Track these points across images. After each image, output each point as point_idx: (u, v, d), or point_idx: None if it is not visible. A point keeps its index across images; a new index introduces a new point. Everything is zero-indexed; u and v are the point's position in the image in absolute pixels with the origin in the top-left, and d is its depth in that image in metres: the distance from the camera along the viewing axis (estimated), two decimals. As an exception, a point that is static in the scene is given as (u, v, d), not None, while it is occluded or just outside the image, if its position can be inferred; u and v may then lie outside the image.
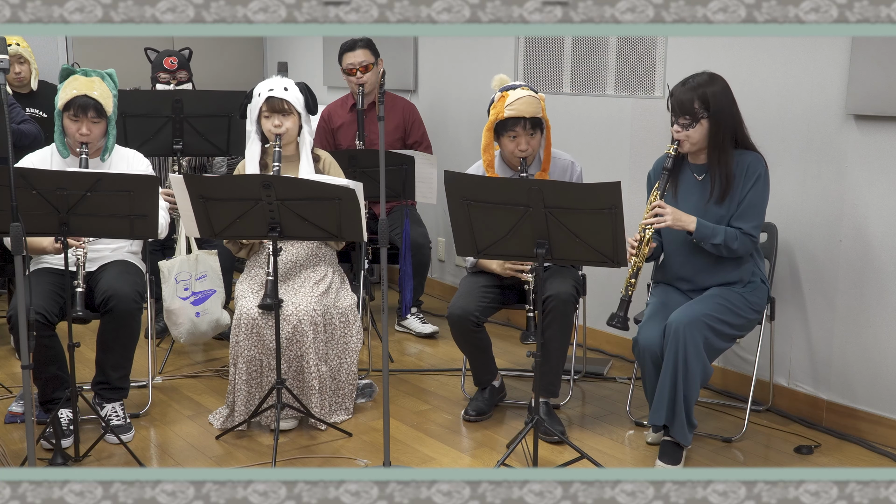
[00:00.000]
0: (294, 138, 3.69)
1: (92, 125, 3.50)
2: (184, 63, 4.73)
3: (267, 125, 3.64)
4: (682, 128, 3.26)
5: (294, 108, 3.64)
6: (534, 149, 3.61)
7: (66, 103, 3.49)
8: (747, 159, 3.31)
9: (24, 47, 4.86)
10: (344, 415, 3.74)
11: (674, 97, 3.28)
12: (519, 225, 2.98)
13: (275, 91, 3.61)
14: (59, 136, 3.56)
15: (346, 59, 4.84)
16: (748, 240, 3.29)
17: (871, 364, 3.56)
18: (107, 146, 3.60)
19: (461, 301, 3.64)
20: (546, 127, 3.63)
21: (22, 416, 3.70)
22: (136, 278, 3.60)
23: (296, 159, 3.71)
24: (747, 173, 3.29)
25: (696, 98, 3.23)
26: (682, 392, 3.18)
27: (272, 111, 3.62)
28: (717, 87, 3.25)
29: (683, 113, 3.25)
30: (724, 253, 3.28)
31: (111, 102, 3.55)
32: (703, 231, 3.25)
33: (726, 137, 3.28)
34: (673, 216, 3.24)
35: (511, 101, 3.53)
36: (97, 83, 3.53)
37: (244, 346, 3.57)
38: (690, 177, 3.40)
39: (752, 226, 3.29)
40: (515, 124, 3.55)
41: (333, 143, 5.01)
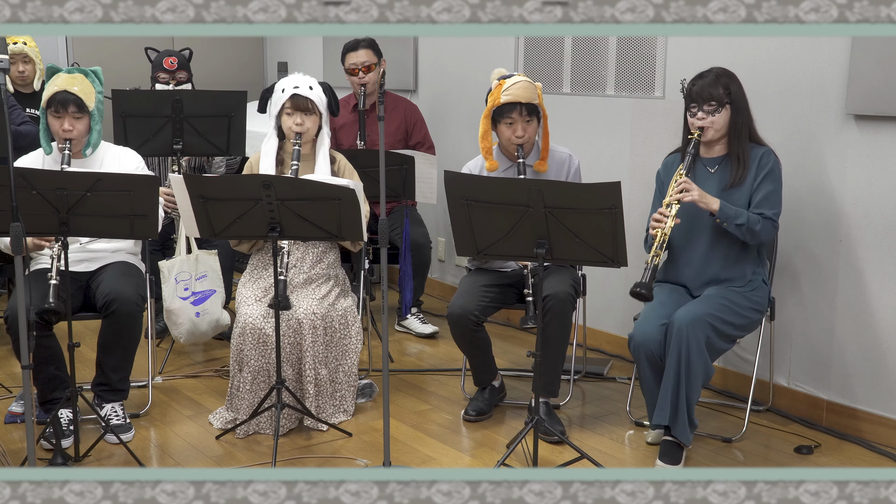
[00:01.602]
0: (312, 138, 3.69)
1: (74, 121, 3.51)
2: (184, 63, 4.73)
3: (288, 122, 3.62)
4: (707, 114, 3.32)
5: (317, 108, 3.65)
6: (530, 136, 3.62)
7: (48, 100, 3.50)
8: (759, 152, 3.39)
9: (31, 47, 4.87)
10: (343, 416, 3.73)
11: (695, 87, 3.34)
12: (519, 225, 2.98)
13: (300, 89, 3.60)
14: (45, 134, 3.57)
15: (349, 59, 4.84)
16: (770, 224, 3.33)
17: (871, 364, 3.56)
18: (90, 141, 3.60)
19: (461, 300, 3.64)
20: (543, 116, 3.64)
21: (22, 416, 3.70)
22: (137, 280, 3.60)
23: (311, 158, 3.70)
24: (759, 164, 3.36)
25: (720, 86, 3.31)
26: (685, 391, 3.18)
27: (295, 109, 3.61)
28: (735, 82, 3.36)
29: (708, 99, 3.31)
30: (746, 236, 3.30)
31: (93, 98, 3.56)
32: (727, 211, 3.28)
33: (745, 124, 3.37)
34: (699, 193, 3.28)
35: (508, 86, 3.57)
36: (79, 80, 3.54)
37: (249, 355, 3.55)
38: (703, 170, 3.44)
39: (774, 212, 3.34)
40: (511, 110, 3.57)
41: (335, 144, 5.01)
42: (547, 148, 3.70)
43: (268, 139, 3.71)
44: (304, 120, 3.61)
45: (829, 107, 3.57)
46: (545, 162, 3.69)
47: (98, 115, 3.59)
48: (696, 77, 3.38)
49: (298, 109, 3.61)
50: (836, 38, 3.50)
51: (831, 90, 3.55)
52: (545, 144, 3.70)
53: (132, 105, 4.20)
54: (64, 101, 3.49)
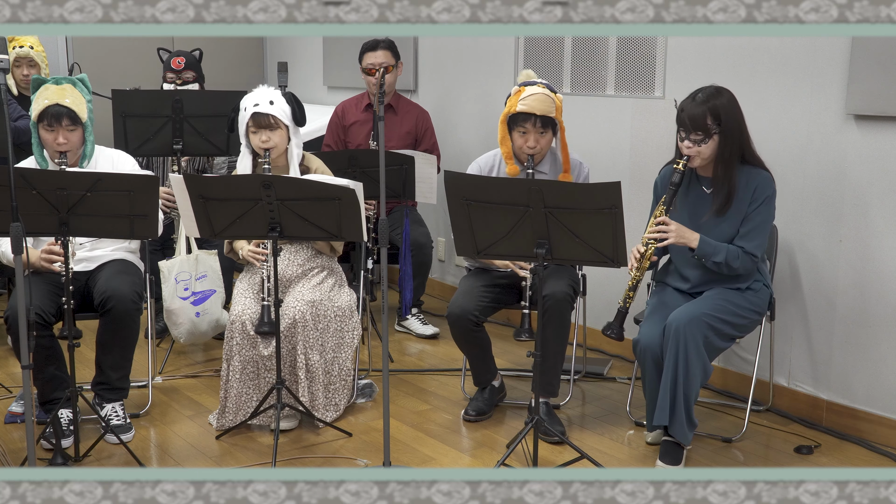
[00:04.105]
0: (283, 150, 3.64)
1: (68, 133, 3.48)
2: (192, 63, 4.72)
3: (255, 141, 3.58)
4: (694, 143, 3.23)
5: (281, 122, 3.57)
6: (542, 147, 3.60)
7: (40, 114, 3.46)
8: (757, 179, 3.30)
9: (38, 51, 4.83)
10: (333, 412, 3.70)
11: (685, 112, 3.24)
12: (519, 225, 2.98)
13: (260, 106, 3.54)
14: (38, 149, 3.53)
15: (367, 59, 4.85)
16: (749, 259, 3.30)
17: (870, 364, 3.56)
18: (85, 152, 3.58)
19: (461, 300, 3.64)
20: (560, 129, 3.62)
21: (22, 416, 3.70)
22: (134, 278, 3.59)
23: (285, 171, 3.66)
24: (756, 193, 3.28)
25: (707, 112, 3.20)
26: (683, 391, 3.18)
27: (258, 127, 3.56)
28: (725, 100, 3.23)
29: (696, 129, 3.21)
30: (724, 271, 3.30)
31: (85, 108, 3.52)
32: (705, 248, 3.26)
33: (733, 152, 3.26)
34: (677, 232, 3.26)
35: (525, 96, 3.53)
36: (69, 90, 3.49)
37: (240, 345, 3.56)
38: (699, 189, 3.39)
39: (755, 245, 3.29)
40: (525, 120, 3.55)
41: (344, 140, 5.02)
42: (567, 160, 3.66)
43: (241, 158, 3.68)
44: (269, 136, 3.56)
45: (829, 107, 3.57)
46: (569, 174, 3.67)
47: (90, 125, 3.57)
48: (686, 99, 3.27)
49: (262, 127, 3.56)
50: (836, 38, 3.50)
51: (831, 90, 3.55)
52: (565, 156, 3.66)
53: (132, 105, 4.20)
54: (57, 115, 3.45)
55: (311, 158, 3.78)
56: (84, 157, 3.58)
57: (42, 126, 3.48)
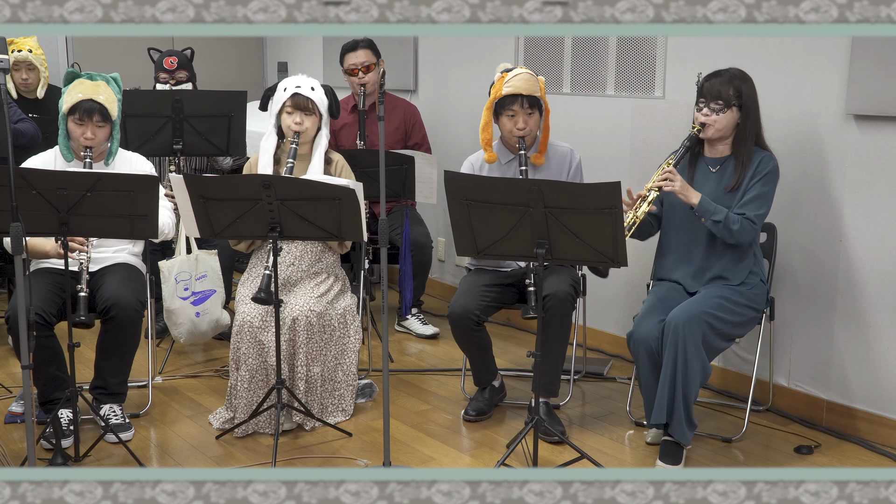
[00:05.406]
0: (311, 138, 3.71)
1: (97, 129, 3.50)
2: (184, 63, 4.72)
3: (287, 121, 3.65)
4: (712, 111, 3.32)
5: (317, 109, 3.68)
6: (532, 129, 3.62)
7: (72, 107, 3.47)
8: (759, 155, 3.38)
9: (37, 55, 4.82)
10: (341, 416, 3.73)
11: (707, 83, 3.34)
12: (519, 225, 2.98)
13: (302, 89, 3.64)
14: (64, 140, 3.54)
15: (348, 60, 4.84)
16: (749, 225, 3.31)
17: (870, 364, 3.56)
18: (111, 150, 3.60)
19: (461, 300, 3.64)
20: (545, 111, 3.65)
21: (22, 416, 3.70)
22: (137, 285, 3.59)
23: (308, 158, 3.71)
24: (758, 167, 3.35)
25: (731, 85, 3.31)
26: (682, 390, 3.18)
27: (295, 108, 3.64)
28: (749, 85, 3.35)
29: (716, 97, 3.31)
30: (723, 233, 3.30)
31: (116, 107, 3.55)
32: (706, 206, 3.29)
33: (751, 132, 3.36)
34: (681, 184, 3.29)
35: (509, 78, 3.59)
36: (102, 87, 3.52)
37: (247, 353, 3.56)
38: (705, 168, 3.44)
39: (757, 214, 3.33)
40: (513, 102, 3.58)
41: (335, 144, 5.01)
42: (546, 141, 3.71)
43: (267, 137, 3.75)
44: (303, 119, 3.64)
45: (829, 107, 3.57)
46: (542, 155, 3.70)
47: (118, 124, 3.59)
48: (711, 73, 3.38)
49: (298, 108, 3.64)
50: (836, 38, 3.50)
51: (831, 90, 3.55)
52: (545, 138, 3.70)
53: (132, 105, 4.19)
54: (90, 110, 3.47)
55: (332, 151, 3.86)
56: (110, 155, 3.60)
57: (72, 119, 3.49)
